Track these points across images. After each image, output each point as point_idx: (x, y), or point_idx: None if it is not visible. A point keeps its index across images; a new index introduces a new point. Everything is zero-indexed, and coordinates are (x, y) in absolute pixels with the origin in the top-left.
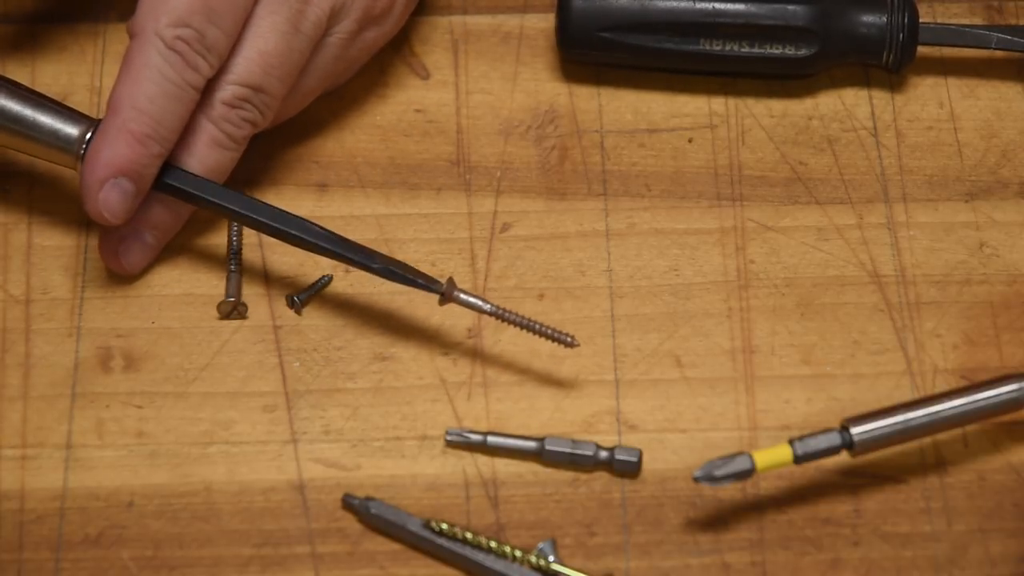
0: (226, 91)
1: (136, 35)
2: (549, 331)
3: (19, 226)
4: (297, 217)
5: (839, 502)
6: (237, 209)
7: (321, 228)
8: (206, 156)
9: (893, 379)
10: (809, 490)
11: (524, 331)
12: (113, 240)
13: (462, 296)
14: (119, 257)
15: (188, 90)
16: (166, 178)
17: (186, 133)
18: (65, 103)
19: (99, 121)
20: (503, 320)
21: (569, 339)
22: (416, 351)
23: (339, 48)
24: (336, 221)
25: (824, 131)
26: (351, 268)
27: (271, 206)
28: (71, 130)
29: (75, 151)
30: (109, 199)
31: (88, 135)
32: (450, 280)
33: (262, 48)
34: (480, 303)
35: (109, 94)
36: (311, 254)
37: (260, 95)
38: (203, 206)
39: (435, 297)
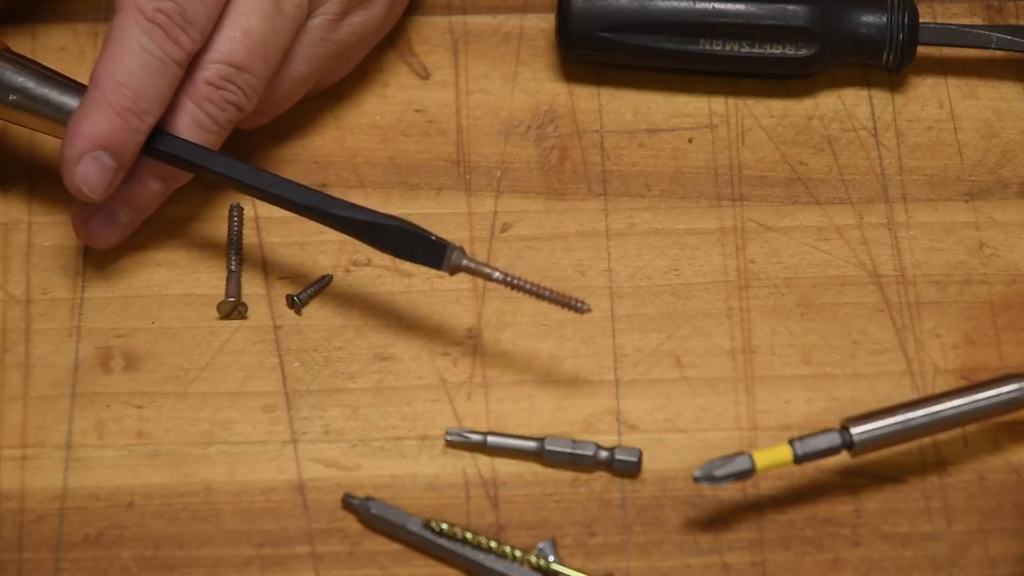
0: (209, 70)
1: (119, 10)
2: (559, 297)
3: (19, 226)
4: (295, 184)
5: (839, 502)
6: (228, 174)
7: (313, 191)
8: (188, 138)
9: (893, 379)
10: (809, 490)
11: (535, 298)
12: (85, 212)
13: (470, 264)
14: (89, 231)
15: (170, 64)
16: (156, 144)
17: (168, 114)
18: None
19: None
20: (513, 287)
21: (579, 304)
22: (416, 351)
23: (323, 31)
24: None
25: (824, 131)
26: (351, 268)
27: (264, 171)
28: (76, 104)
29: None
30: (88, 173)
31: None
32: (459, 250)
33: (244, 26)
34: (488, 270)
35: (92, 69)
36: (312, 254)
37: (244, 75)
38: (195, 171)
39: (432, 298)
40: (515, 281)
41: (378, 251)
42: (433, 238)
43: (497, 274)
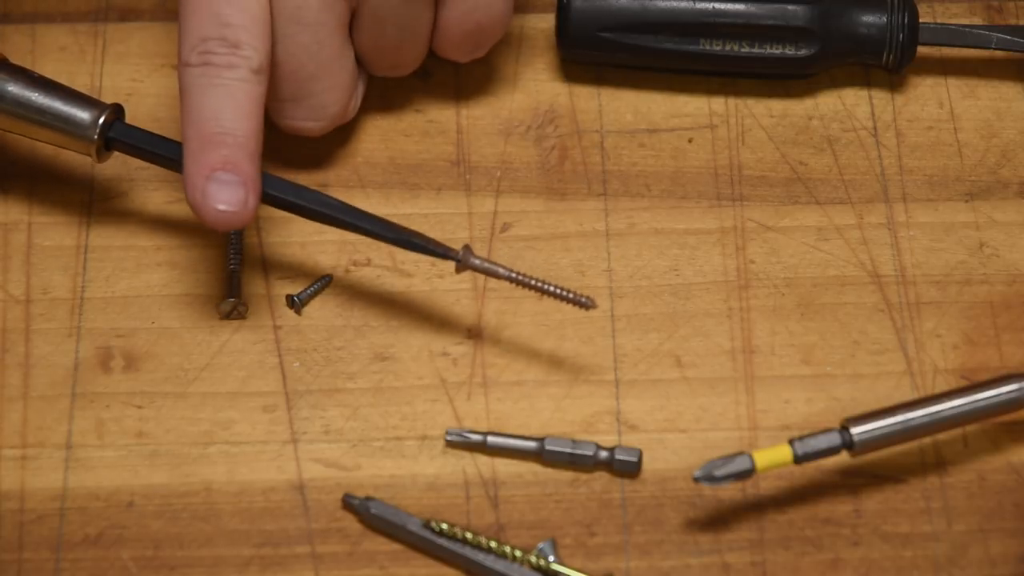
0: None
1: (179, 76)
2: (565, 293)
3: (19, 226)
4: (303, 187)
5: (839, 502)
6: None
7: (329, 197)
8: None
9: (893, 379)
10: (809, 490)
11: (543, 295)
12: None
13: (478, 262)
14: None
15: (236, 84)
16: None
17: None
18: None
19: (112, 105)
20: (520, 285)
21: (585, 300)
22: (416, 351)
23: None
24: None
25: (824, 131)
26: (351, 268)
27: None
28: (83, 115)
29: (88, 136)
30: (214, 194)
31: (100, 119)
32: (466, 247)
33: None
34: (496, 268)
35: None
36: (312, 254)
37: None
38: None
39: (432, 298)
40: (521, 278)
41: (381, 247)
42: (438, 251)
43: (503, 271)
